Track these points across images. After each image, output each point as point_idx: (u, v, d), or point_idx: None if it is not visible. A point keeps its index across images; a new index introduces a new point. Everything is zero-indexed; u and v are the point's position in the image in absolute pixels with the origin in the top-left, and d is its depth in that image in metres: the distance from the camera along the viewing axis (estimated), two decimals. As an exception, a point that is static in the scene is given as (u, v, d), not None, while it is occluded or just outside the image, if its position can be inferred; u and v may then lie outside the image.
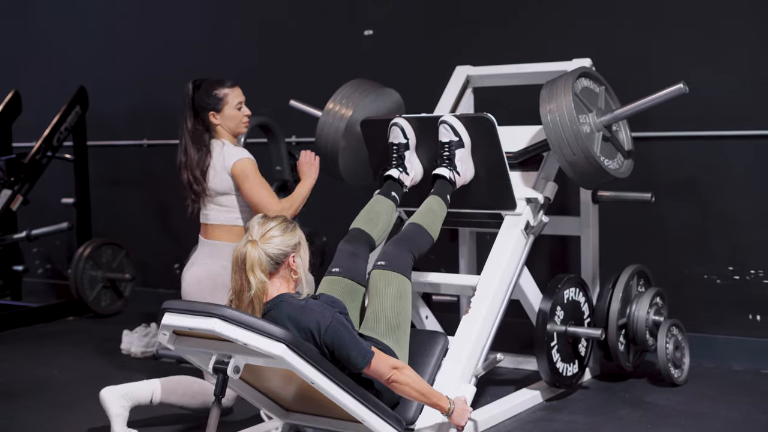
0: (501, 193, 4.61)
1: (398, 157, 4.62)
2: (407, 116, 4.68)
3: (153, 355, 5.85)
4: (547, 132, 4.54)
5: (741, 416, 4.46)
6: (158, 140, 7.56)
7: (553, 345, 4.69)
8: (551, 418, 4.51)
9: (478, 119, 4.52)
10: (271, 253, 3.69)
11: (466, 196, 4.64)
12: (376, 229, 4.38)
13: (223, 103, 4.52)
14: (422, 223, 4.34)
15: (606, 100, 4.78)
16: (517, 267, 4.57)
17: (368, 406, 3.73)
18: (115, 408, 4.21)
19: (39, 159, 7.08)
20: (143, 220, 7.73)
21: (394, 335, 3.98)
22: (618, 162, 4.76)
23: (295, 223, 3.84)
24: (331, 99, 5.10)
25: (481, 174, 4.60)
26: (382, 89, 5.16)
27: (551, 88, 4.60)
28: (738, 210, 5.42)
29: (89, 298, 7.16)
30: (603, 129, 4.67)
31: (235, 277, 3.69)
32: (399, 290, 4.06)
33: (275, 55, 6.92)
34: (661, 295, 5.10)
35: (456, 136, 4.51)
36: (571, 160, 4.52)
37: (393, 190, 4.54)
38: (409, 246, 4.22)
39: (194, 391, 4.43)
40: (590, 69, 4.77)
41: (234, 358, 3.50)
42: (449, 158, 4.52)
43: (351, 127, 5.01)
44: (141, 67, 7.61)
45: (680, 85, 4.55)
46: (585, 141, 4.49)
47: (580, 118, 4.53)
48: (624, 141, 4.87)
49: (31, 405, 4.89)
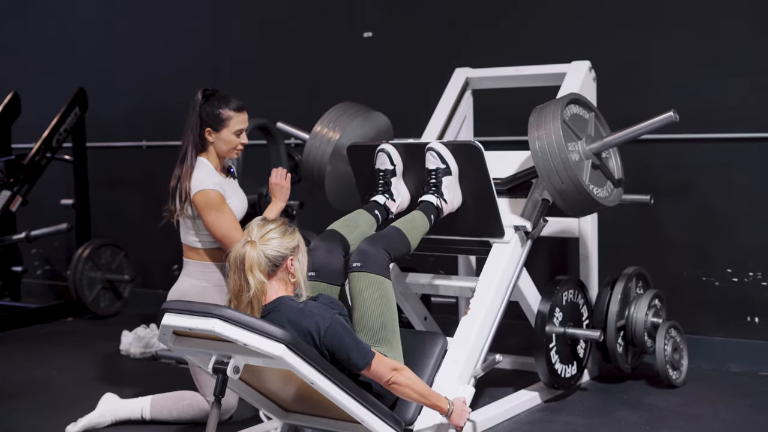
0: (489, 221, 4.52)
1: (384, 184, 4.55)
2: (394, 142, 4.63)
3: (152, 356, 5.86)
4: (536, 159, 4.45)
5: (739, 418, 4.47)
6: (157, 141, 7.56)
7: (551, 346, 4.70)
8: (549, 419, 4.52)
9: (465, 147, 4.46)
10: (269, 255, 3.68)
11: (454, 223, 4.57)
12: (352, 235, 4.27)
13: (224, 126, 4.42)
14: (401, 227, 4.25)
15: (596, 127, 4.69)
16: (516, 269, 4.57)
17: (367, 406, 3.73)
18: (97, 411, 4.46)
19: (38, 160, 7.08)
20: (142, 222, 7.73)
21: (382, 339, 3.95)
22: (607, 190, 4.67)
23: (295, 227, 3.82)
24: (319, 122, 5.03)
25: (469, 201, 4.52)
26: (370, 112, 5.11)
27: (540, 115, 4.51)
28: (737, 212, 5.43)
29: (88, 299, 7.16)
30: (592, 156, 4.58)
31: (233, 277, 3.68)
32: (380, 292, 3.99)
33: (275, 55, 6.93)
34: (659, 297, 5.10)
35: (443, 163, 4.45)
36: (559, 188, 4.43)
37: (376, 209, 4.47)
38: (384, 244, 4.10)
39: (184, 405, 4.45)
40: (579, 95, 4.70)
41: (234, 359, 3.50)
42: (436, 185, 4.44)
43: (338, 151, 4.93)
44: (140, 69, 7.62)
45: (670, 114, 4.50)
46: (573, 169, 4.40)
47: (569, 146, 4.45)
48: (614, 169, 4.76)
49: (30, 405, 4.89)
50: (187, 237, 4.48)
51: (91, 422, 4.41)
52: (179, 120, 7.29)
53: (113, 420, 4.46)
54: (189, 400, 4.46)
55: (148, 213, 7.68)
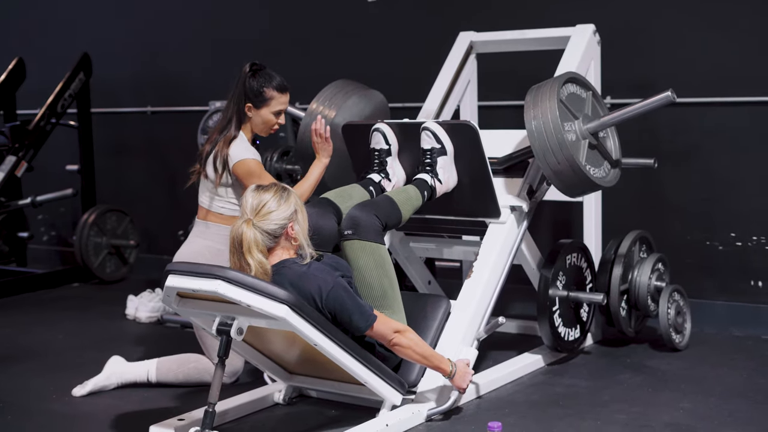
0: (484, 201, 4.51)
1: (380, 163, 4.54)
2: (389, 122, 4.61)
3: (158, 320, 5.89)
4: (531, 140, 4.42)
5: (741, 381, 4.49)
6: (162, 107, 7.56)
7: (555, 310, 4.71)
8: (553, 382, 4.54)
9: (460, 126, 4.45)
10: (268, 230, 3.67)
11: (450, 203, 4.56)
12: (345, 204, 4.24)
13: (265, 104, 4.42)
14: (393, 197, 4.25)
15: (593, 106, 4.65)
16: (513, 246, 4.55)
17: (371, 368, 3.76)
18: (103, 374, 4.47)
19: (43, 126, 7.09)
20: (147, 187, 7.75)
21: (384, 304, 3.97)
22: (604, 170, 4.64)
23: (289, 188, 3.79)
24: (315, 100, 5.02)
25: (465, 181, 4.50)
26: (366, 90, 5.09)
27: (536, 94, 4.47)
28: (741, 176, 5.43)
29: (94, 265, 7.19)
30: (589, 136, 4.54)
31: (233, 259, 3.67)
32: (374, 259, 3.99)
33: (280, 21, 6.91)
34: (663, 261, 5.11)
35: (438, 143, 4.44)
36: (555, 169, 4.40)
37: (371, 185, 4.46)
38: (375, 210, 4.09)
39: (190, 368, 4.48)
40: (576, 74, 4.67)
41: (237, 320, 3.52)
42: (431, 165, 4.43)
43: (334, 130, 4.87)
44: (145, 34, 7.61)
45: (668, 93, 4.44)
46: (570, 149, 4.36)
47: (566, 126, 4.42)
48: (612, 149, 4.73)
49: (37, 368, 4.92)
50: (215, 203, 4.47)
51: (97, 385, 4.43)
52: (184, 85, 7.38)
53: (119, 383, 4.49)
54: (194, 363, 4.49)
55: (153, 178, 7.71)
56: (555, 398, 4.28)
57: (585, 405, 4.17)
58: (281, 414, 4.14)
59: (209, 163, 4.42)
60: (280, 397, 4.22)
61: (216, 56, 7.17)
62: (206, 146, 4.47)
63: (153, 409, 4.21)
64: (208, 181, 4.47)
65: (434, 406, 4.00)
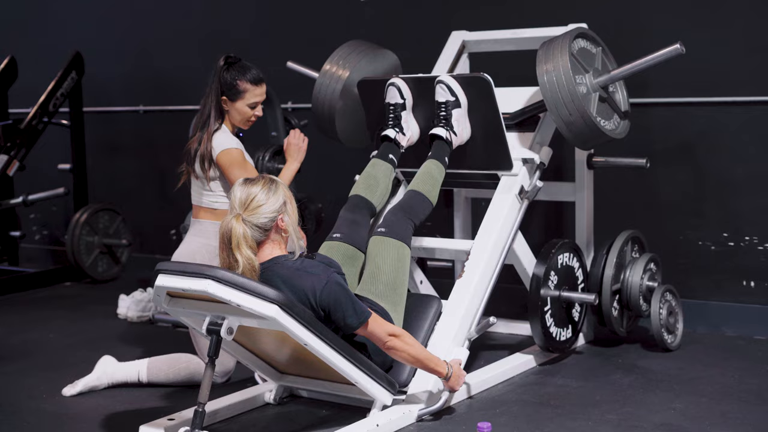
0: (497, 154, 4.62)
1: (395, 118, 4.63)
2: (404, 76, 4.70)
3: (149, 320, 5.87)
4: (544, 92, 4.54)
5: (734, 381, 4.48)
6: (154, 106, 7.55)
7: (546, 310, 4.70)
8: (544, 382, 4.53)
9: (474, 79, 4.53)
10: (258, 224, 3.65)
11: (463, 156, 4.66)
12: (376, 194, 4.43)
13: (239, 97, 4.43)
14: (422, 190, 4.38)
15: (603, 61, 4.78)
16: (511, 231, 4.58)
17: (362, 368, 3.75)
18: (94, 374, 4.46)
19: (35, 125, 7.07)
20: (140, 186, 7.73)
21: (390, 298, 4.00)
22: (614, 123, 4.76)
23: (277, 180, 3.77)
24: (328, 60, 5.10)
25: (478, 134, 4.61)
26: (379, 50, 5.17)
27: (548, 49, 4.59)
28: (733, 176, 5.42)
29: (86, 264, 7.17)
30: (599, 90, 4.67)
31: (222, 255, 3.65)
32: (397, 254, 4.09)
33: (273, 17, 6.90)
34: (655, 261, 5.11)
35: (452, 96, 4.52)
36: (567, 120, 4.52)
37: (390, 152, 4.56)
38: (409, 214, 4.26)
39: (181, 368, 4.46)
40: (587, 29, 4.76)
41: (227, 320, 3.51)
42: (446, 118, 4.53)
43: (348, 89, 5.01)
44: (137, 33, 7.59)
45: (677, 46, 4.53)
46: (581, 101, 4.49)
47: (577, 79, 4.53)
48: (620, 102, 4.87)
49: (27, 368, 4.90)
50: (205, 198, 4.47)
51: (87, 384, 4.42)
52: (176, 85, 7.36)
53: (110, 383, 4.47)
54: (185, 363, 4.47)
55: (145, 177, 7.69)
56: (546, 398, 4.27)
57: (576, 405, 4.16)
58: (272, 414, 4.13)
59: (197, 161, 4.41)
60: (271, 397, 4.20)
61: (208, 55, 7.11)
62: (192, 144, 4.46)
63: (143, 408, 4.20)
64: (197, 178, 4.46)
65: (425, 406, 3.99)
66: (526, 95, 5.01)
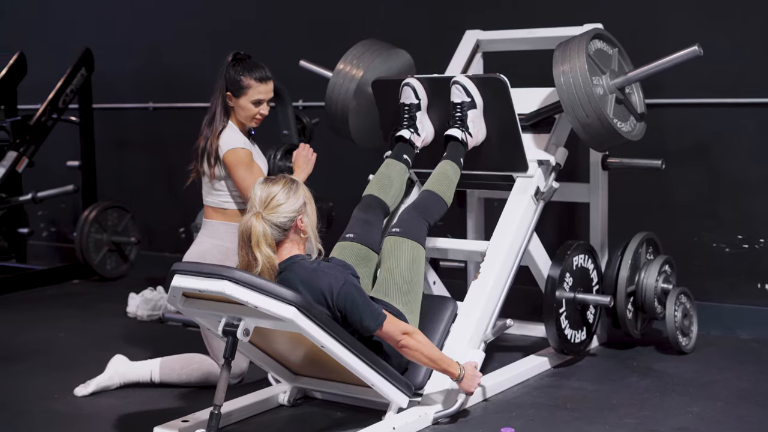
0: (513, 155, 4.60)
1: (410, 118, 4.60)
2: (419, 77, 4.66)
3: (159, 319, 5.85)
4: (560, 93, 4.51)
5: (750, 385, 4.45)
6: (164, 103, 7.52)
7: (561, 312, 4.67)
8: (559, 384, 4.50)
9: (490, 80, 4.50)
10: (277, 223, 3.65)
11: (478, 157, 4.63)
12: (390, 194, 4.40)
13: (243, 94, 4.38)
14: (437, 190, 4.35)
15: (619, 62, 4.75)
16: (527, 233, 4.55)
17: (378, 371, 3.72)
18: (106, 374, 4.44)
19: (44, 121, 7.05)
20: (149, 184, 7.70)
21: (405, 299, 3.97)
22: (631, 125, 4.73)
23: (298, 180, 3.77)
24: (342, 59, 5.07)
25: (493, 135, 4.59)
26: (393, 49, 5.13)
27: (565, 50, 4.56)
28: (748, 178, 5.39)
29: (94, 262, 7.14)
30: (616, 91, 4.64)
31: (241, 253, 3.64)
32: (412, 255, 4.06)
33: (283, 15, 6.87)
34: (669, 263, 5.07)
35: (468, 97, 4.49)
36: (584, 122, 4.49)
37: (404, 153, 4.53)
38: (424, 214, 4.23)
39: (193, 369, 4.44)
40: (603, 30, 4.73)
41: (244, 321, 3.49)
42: (461, 119, 4.50)
43: (362, 88, 4.98)
44: (147, 30, 7.56)
45: (695, 48, 4.51)
46: (598, 103, 4.46)
47: (594, 80, 4.51)
48: (637, 104, 4.84)
49: (38, 367, 4.88)
50: (214, 198, 4.43)
51: (100, 384, 4.39)
52: (185, 82, 7.34)
53: (122, 382, 4.45)
54: (198, 364, 4.44)
55: (154, 175, 7.67)
56: (562, 401, 4.24)
57: (593, 409, 4.13)
58: (286, 416, 4.10)
59: (204, 159, 4.39)
60: (285, 399, 4.17)
61: (218, 52, 7.07)
62: (200, 142, 4.44)
63: (156, 409, 4.17)
64: (205, 177, 4.43)
65: (441, 408, 3.97)
66: (541, 96, 4.98)
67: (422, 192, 4.39)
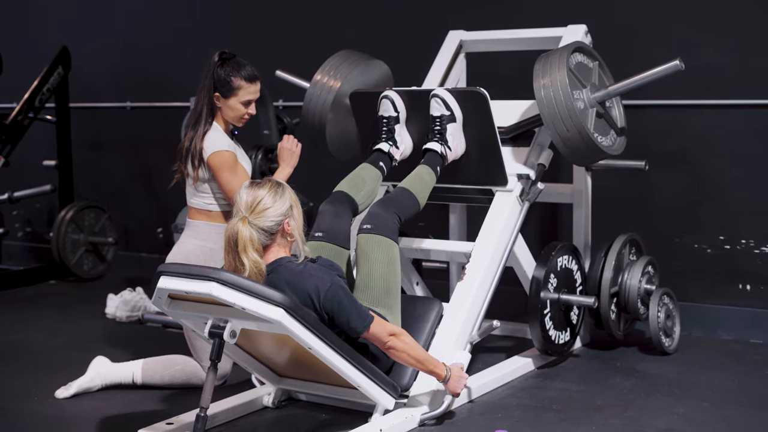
0: (492, 169, 4.53)
1: (388, 131, 4.52)
2: (398, 89, 4.59)
3: (138, 320, 5.80)
4: (541, 107, 4.44)
5: (734, 385, 4.45)
6: (142, 102, 7.46)
7: (546, 312, 4.66)
8: (544, 386, 4.49)
9: (470, 93, 4.43)
10: (264, 227, 3.61)
11: (457, 170, 4.57)
12: (360, 193, 4.28)
13: (232, 94, 4.33)
14: (410, 188, 4.27)
15: (600, 76, 4.68)
16: (512, 233, 4.53)
17: (365, 372, 3.70)
18: (87, 375, 4.39)
19: (20, 120, 6.98)
20: (126, 184, 7.65)
21: (384, 302, 3.93)
22: (611, 139, 4.67)
23: (284, 184, 3.74)
24: (319, 70, 4.96)
25: (473, 149, 4.52)
26: (371, 60, 5.05)
27: (545, 63, 4.49)
28: (730, 179, 5.40)
29: (71, 262, 7.09)
30: (597, 105, 4.56)
31: (228, 258, 3.61)
32: (387, 255, 3.98)
33: (264, 15, 6.83)
34: (652, 264, 5.07)
35: (448, 110, 4.42)
36: (564, 136, 4.43)
37: (381, 161, 4.45)
38: (395, 208, 4.13)
39: (176, 370, 4.40)
40: (585, 44, 4.66)
41: (231, 323, 3.45)
42: (440, 132, 4.43)
43: (339, 100, 4.88)
44: (124, 28, 7.51)
45: (676, 62, 4.47)
46: (579, 117, 4.39)
47: (574, 94, 4.44)
48: (617, 118, 4.76)
49: (16, 369, 4.82)
50: (199, 200, 4.39)
51: (81, 386, 4.34)
52: (164, 81, 7.28)
53: (104, 384, 4.40)
54: (181, 365, 4.41)
55: (132, 175, 7.61)
56: (548, 403, 4.23)
57: (578, 410, 4.12)
58: (271, 417, 4.07)
59: (188, 160, 4.35)
60: (270, 401, 4.14)
61: (197, 51, 7.06)
62: (184, 143, 4.39)
63: (139, 411, 4.13)
64: (189, 178, 4.39)
65: (427, 410, 3.95)
66: (521, 108, 4.89)
67: (395, 189, 4.31)
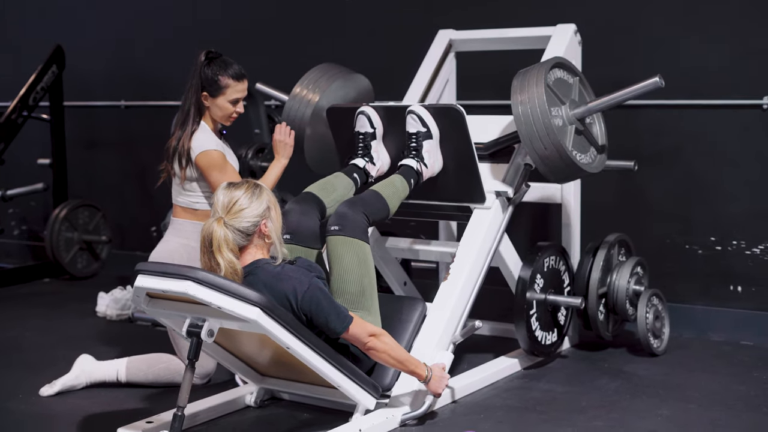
0: (470, 186, 4.48)
1: (364, 147, 4.48)
2: (374, 105, 4.55)
3: (128, 318, 5.80)
4: (518, 124, 4.37)
5: (720, 387, 4.43)
6: (136, 101, 7.46)
7: (532, 313, 4.64)
8: (529, 386, 4.47)
9: (447, 110, 4.38)
10: (240, 228, 3.60)
11: (435, 187, 4.52)
12: (330, 198, 4.22)
13: (220, 93, 4.33)
14: (381, 191, 4.20)
15: (580, 92, 4.61)
16: (498, 234, 4.51)
17: (344, 372, 3.69)
18: (72, 373, 4.38)
19: (15, 119, 6.98)
20: (120, 182, 7.65)
21: (360, 303, 3.90)
22: (591, 156, 4.60)
23: (262, 185, 3.72)
24: (298, 83, 4.92)
25: (450, 166, 4.46)
26: (351, 74, 5.00)
27: (523, 79, 4.42)
28: (721, 180, 5.38)
29: (65, 260, 7.09)
30: (576, 122, 4.49)
31: (203, 258, 3.59)
32: (358, 257, 3.93)
33: (257, 16, 6.83)
34: (641, 265, 5.06)
35: (424, 127, 4.38)
36: (542, 154, 4.36)
37: (355, 173, 4.40)
38: (363, 208, 4.05)
39: (160, 368, 4.39)
40: (564, 59, 4.62)
41: (208, 322, 3.44)
42: (416, 149, 4.38)
43: (317, 113, 4.82)
44: (119, 27, 7.50)
45: (656, 79, 4.41)
46: (557, 135, 4.32)
47: (553, 111, 4.37)
48: (598, 135, 4.69)
49: (4, 366, 4.83)
50: (185, 198, 4.39)
51: (66, 384, 4.34)
52: (158, 80, 7.28)
53: (88, 382, 4.40)
54: (165, 363, 4.40)
55: (126, 173, 7.61)
56: (532, 403, 4.21)
57: (562, 411, 4.11)
58: (253, 417, 4.07)
59: (175, 160, 4.34)
60: (252, 400, 4.13)
61: (190, 51, 7.02)
62: (171, 142, 4.39)
63: (121, 410, 4.13)
64: (176, 177, 4.39)
65: (408, 410, 3.94)
66: (500, 125, 4.83)
67: (365, 191, 4.26)
